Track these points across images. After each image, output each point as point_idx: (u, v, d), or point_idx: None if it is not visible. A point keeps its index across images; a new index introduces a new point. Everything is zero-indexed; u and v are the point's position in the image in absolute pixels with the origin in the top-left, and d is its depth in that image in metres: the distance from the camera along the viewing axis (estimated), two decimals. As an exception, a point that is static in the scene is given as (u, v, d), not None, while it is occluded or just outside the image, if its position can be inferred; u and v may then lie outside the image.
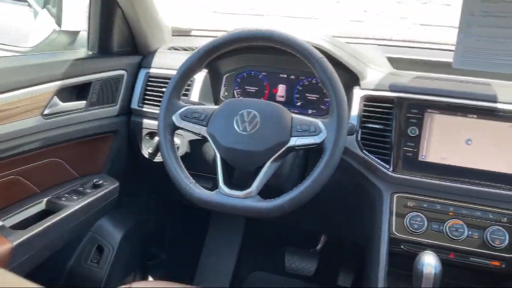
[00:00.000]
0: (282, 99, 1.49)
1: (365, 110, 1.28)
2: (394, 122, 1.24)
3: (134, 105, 1.53)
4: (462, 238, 1.17)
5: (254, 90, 1.51)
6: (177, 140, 1.43)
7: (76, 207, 1.31)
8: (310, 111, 1.46)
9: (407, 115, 1.22)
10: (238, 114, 1.13)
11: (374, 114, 1.27)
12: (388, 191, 1.24)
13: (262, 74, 1.50)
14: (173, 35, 1.73)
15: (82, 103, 1.37)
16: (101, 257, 1.58)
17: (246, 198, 1.08)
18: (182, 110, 1.18)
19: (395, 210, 1.22)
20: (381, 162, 1.24)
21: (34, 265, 1.23)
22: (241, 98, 1.51)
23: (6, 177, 1.21)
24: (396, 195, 1.23)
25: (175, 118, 1.17)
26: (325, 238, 1.94)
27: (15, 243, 1.12)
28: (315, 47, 1.11)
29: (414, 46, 1.64)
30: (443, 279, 1.10)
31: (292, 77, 1.48)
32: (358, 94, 1.30)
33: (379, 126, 1.26)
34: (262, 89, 1.51)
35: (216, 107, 1.18)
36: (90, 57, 1.47)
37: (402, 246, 1.21)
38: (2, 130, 1.14)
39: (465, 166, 1.18)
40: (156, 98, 1.49)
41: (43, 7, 1.71)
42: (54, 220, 1.24)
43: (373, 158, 1.25)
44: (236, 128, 1.12)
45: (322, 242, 1.94)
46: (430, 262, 1.09)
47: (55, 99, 1.27)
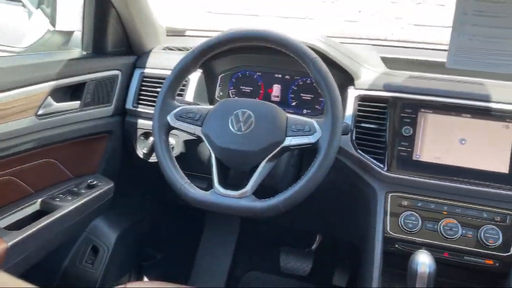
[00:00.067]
0: (277, 99, 1.49)
1: (359, 110, 1.29)
2: (388, 122, 1.24)
3: (129, 105, 1.53)
4: (456, 237, 1.17)
5: (249, 90, 1.51)
6: (172, 140, 1.42)
7: (70, 208, 1.30)
8: (305, 111, 1.47)
9: (401, 115, 1.23)
10: (233, 114, 1.13)
11: (368, 114, 1.28)
12: (382, 191, 1.24)
13: (257, 74, 1.51)
14: (167, 35, 1.73)
15: (76, 104, 1.37)
16: (96, 257, 1.57)
17: (241, 198, 1.08)
18: (177, 110, 1.17)
19: (390, 210, 1.22)
20: (375, 162, 1.25)
21: (29, 265, 1.22)
22: (236, 98, 1.51)
23: (0, 177, 1.20)
24: (390, 195, 1.23)
25: (170, 118, 1.17)
26: (320, 238, 1.94)
27: (10, 244, 1.12)
28: (310, 47, 1.11)
29: (409, 46, 1.65)
30: (438, 278, 1.11)
31: (287, 77, 1.48)
32: (352, 94, 1.31)
33: (374, 126, 1.26)
34: (257, 89, 1.51)
35: (211, 107, 1.18)
36: (84, 57, 1.47)
37: (397, 245, 1.21)
38: (-5, 131, 1.13)
39: (459, 165, 1.19)
40: (150, 98, 1.49)
41: (37, 7, 1.70)
42: (49, 220, 1.24)
43: (367, 157, 1.26)
44: (231, 128, 1.12)
45: (317, 242, 1.94)
46: (424, 261, 1.10)
47: (49, 100, 1.27)
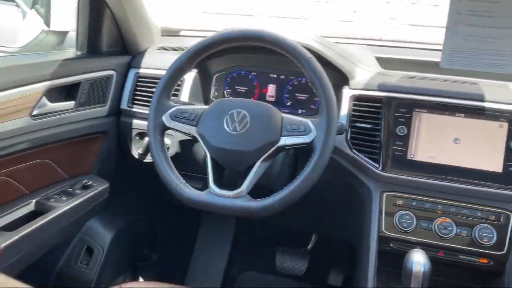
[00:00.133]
0: (272, 99, 1.49)
1: (354, 110, 1.29)
2: (383, 122, 1.24)
3: (124, 105, 1.52)
4: (450, 236, 1.18)
5: (244, 90, 1.51)
6: (167, 140, 1.42)
7: (65, 208, 1.30)
8: (300, 111, 1.47)
9: (396, 115, 1.23)
10: (228, 114, 1.13)
11: (363, 114, 1.28)
12: (377, 190, 1.25)
13: (252, 74, 1.51)
14: (162, 35, 1.72)
15: (71, 104, 1.36)
16: (90, 258, 1.57)
17: (236, 198, 1.08)
18: (172, 110, 1.17)
19: (384, 209, 1.23)
20: (370, 161, 1.25)
21: (24, 266, 1.22)
22: (231, 98, 1.51)
23: (-5, 178, 1.20)
24: (385, 194, 1.24)
25: (165, 118, 1.17)
26: (315, 238, 1.94)
27: (4, 245, 1.12)
28: (305, 47, 1.11)
29: (403, 46, 1.65)
30: (432, 277, 1.11)
31: (282, 77, 1.48)
32: (347, 93, 1.31)
33: (368, 126, 1.27)
34: (252, 89, 1.51)
35: (206, 107, 1.18)
36: (79, 57, 1.47)
37: (392, 245, 1.22)
38: (-10, 131, 1.13)
39: (453, 164, 1.20)
40: (145, 98, 1.49)
41: (32, 7, 1.69)
42: (43, 221, 1.24)
43: (362, 157, 1.26)
44: (226, 128, 1.12)
45: (313, 241, 1.94)
46: (419, 260, 1.10)
47: (44, 100, 1.26)
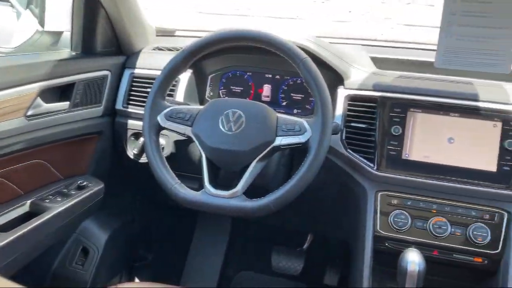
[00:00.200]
0: (268, 99, 1.49)
1: (349, 110, 1.29)
2: (378, 121, 1.25)
3: (119, 105, 1.52)
4: (445, 235, 1.18)
5: (239, 90, 1.51)
6: (162, 140, 1.42)
7: (60, 209, 1.29)
8: (295, 111, 1.47)
9: (390, 114, 1.24)
10: (223, 114, 1.13)
11: (358, 114, 1.28)
12: (372, 190, 1.25)
13: (248, 74, 1.51)
14: (157, 35, 1.72)
15: (65, 104, 1.36)
16: (86, 259, 1.56)
17: (232, 198, 1.08)
18: (167, 110, 1.17)
19: (380, 208, 1.23)
20: (365, 161, 1.25)
21: (19, 267, 1.21)
22: (226, 98, 1.51)
23: (-11, 179, 1.19)
24: (380, 193, 1.24)
25: (160, 119, 1.17)
26: (311, 237, 1.95)
27: (-1, 246, 1.11)
28: (300, 47, 1.11)
29: (398, 46, 1.65)
30: (427, 276, 1.11)
31: (277, 77, 1.48)
32: (342, 93, 1.31)
33: (363, 125, 1.27)
34: (247, 89, 1.51)
35: (201, 107, 1.18)
36: (74, 57, 1.46)
37: (387, 244, 1.22)
38: (-16, 132, 1.13)
39: (447, 164, 1.20)
40: (140, 99, 1.49)
41: (26, 8, 1.69)
42: (38, 222, 1.23)
43: (357, 157, 1.26)
44: (221, 128, 1.12)
45: (308, 241, 1.95)
46: (414, 259, 1.10)
47: (38, 100, 1.26)
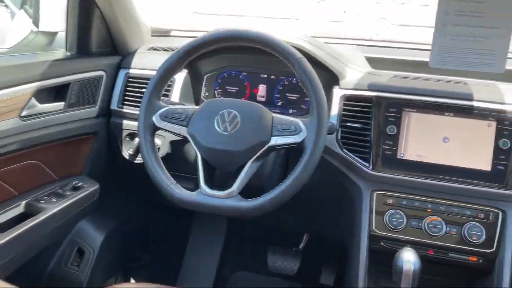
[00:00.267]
0: (263, 99, 1.50)
1: (344, 109, 1.29)
2: (373, 121, 1.25)
3: (114, 106, 1.52)
4: (440, 234, 1.18)
5: (235, 90, 1.51)
6: (158, 141, 1.42)
7: (55, 210, 1.29)
8: (291, 111, 1.47)
9: (386, 114, 1.24)
10: (218, 114, 1.13)
11: (353, 113, 1.28)
12: (367, 189, 1.25)
13: (243, 74, 1.51)
14: (152, 36, 1.72)
15: (60, 105, 1.35)
16: (81, 260, 1.56)
17: (227, 198, 1.08)
18: (162, 110, 1.17)
19: (375, 208, 1.23)
20: (360, 161, 1.25)
21: (14, 268, 1.21)
22: (221, 98, 1.51)
23: (-17, 180, 1.19)
24: (375, 193, 1.24)
25: (155, 119, 1.17)
26: (307, 237, 1.95)
27: (-7, 247, 1.11)
28: (295, 47, 1.11)
29: (393, 46, 1.66)
30: (423, 275, 1.12)
31: (272, 77, 1.49)
32: (337, 93, 1.31)
33: (359, 125, 1.27)
34: (243, 89, 1.51)
35: (196, 107, 1.18)
36: (69, 58, 1.46)
37: (382, 243, 1.22)
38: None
39: (442, 163, 1.20)
40: (136, 99, 1.48)
41: (20, 8, 1.68)
42: (33, 223, 1.23)
43: (352, 156, 1.26)
44: (216, 128, 1.12)
45: (304, 241, 1.95)
46: (409, 258, 1.11)
47: (33, 101, 1.25)
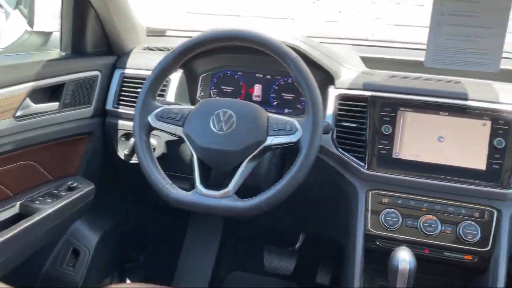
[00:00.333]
0: (259, 99, 1.50)
1: (340, 109, 1.30)
2: (368, 121, 1.25)
3: (109, 106, 1.52)
4: (435, 233, 1.19)
5: (230, 90, 1.51)
6: (153, 141, 1.42)
7: (50, 210, 1.29)
8: (286, 111, 1.47)
9: (381, 114, 1.24)
10: (214, 114, 1.13)
11: (349, 113, 1.29)
12: (363, 189, 1.26)
13: (238, 74, 1.51)
14: (147, 35, 1.71)
15: (55, 105, 1.35)
16: (76, 260, 1.56)
17: (223, 198, 1.08)
18: (158, 110, 1.17)
19: (370, 207, 1.24)
20: (356, 160, 1.26)
21: (9, 269, 1.21)
22: (217, 98, 1.50)
23: (-22, 180, 1.19)
24: (371, 192, 1.25)
25: (151, 119, 1.16)
26: (303, 237, 1.95)
27: (-12, 248, 1.11)
28: (290, 47, 1.12)
29: (388, 46, 1.66)
30: (418, 274, 1.12)
31: (268, 76, 1.49)
32: (333, 93, 1.32)
33: (354, 125, 1.27)
34: (238, 89, 1.51)
35: (192, 107, 1.18)
36: (63, 58, 1.45)
37: (378, 242, 1.23)
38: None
39: (437, 162, 1.21)
40: (131, 99, 1.48)
41: (15, 8, 1.67)
42: (28, 224, 1.22)
43: (348, 156, 1.27)
44: (212, 128, 1.12)
45: (300, 240, 1.95)
46: (404, 257, 1.11)
47: (28, 101, 1.25)
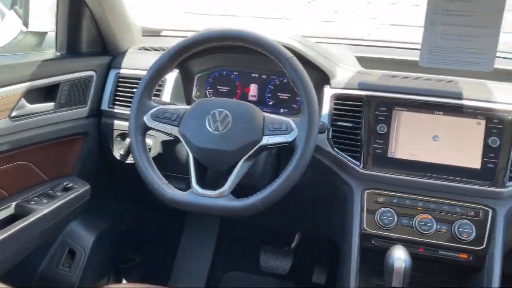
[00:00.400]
0: (254, 99, 1.50)
1: (335, 109, 1.30)
2: (363, 120, 1.25)
3: (105, 106, 1.51)
4: (431, 232, 1.19)
5: (226, 90, 1.51)
6: (149, 141, 1.41)
7: (45, 211, 1.28)
8: (282, 110, 1.47)
9: (376, 113, 1.24)
10: (210, 114, 1.13)
11: (344, 112, 1.29)
12: (358, 188, 1.26)
13: (234, 73, 1.51)
14: (143, 35, 1.71)
15: (50, 105, 1.35)
16: (72, 261, 1.55)
17: (219, 197, 1.08)
18: (154, 110, 1.17)
19: (366, 206, 1.24)
20: (351, 159, 1.26)
21: (4, 270, 1.20)
22: (213, 98, 1.51)
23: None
24: (366, 192, 1.25)
25: (146, 119, 1.16)
26: (299, 236, 1.95)
27: (-17, 249, 1.10)
28: (285, 47, 1.12)
29: (384, 46, 1.67)
30: (413, 273, 1.12)
31: (263, 76, 1.49)
32: (328, 92, 1.32)
33: (349, 124, 1.28)
34: (234, 88, 1.51)
35: (187, 107, 1.18)
36: (58, 58, 1.45)
37: (373, 241, 1.23)
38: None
39: (432, 161, 1.21)
40: (126, 99, 1.48)
41: (10, 8, 1.67)
42: (23, 224, 1.22)
43: (343, 155, 1.27)
44: (208, 127, 1.12)
45: (296, 240, 1.95)
46: (400, 256, 1.11)
47: (23, 101, 1.25)
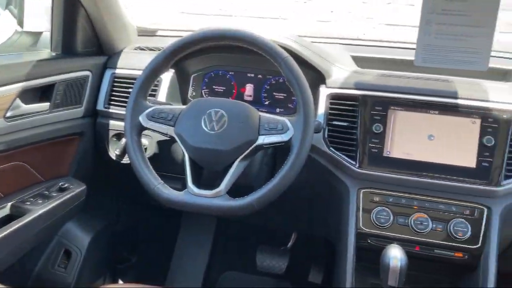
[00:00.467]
0: (250, 98, 1.50)
1: (331, 108, 1.30)
2: (359, 119, 1.26)
3: (100, 106, 1.51)
4: (426, 231, 1.20)
5: (222, 90, 1.51)
6: (145, 141, 1.41)
7: (41, 211, 1.28)
8: (278, 110, 1.48)
9: (372, 112, 1.25)
10: (205, 114, 1.13)
11: (340, 112, 1.29)
12: (354, 187, 1.26)
13: (230, 73, 1.51)
14: (139, 35, 1.71)
15: (45, 105, 1.34)
16: (68, 261, 1.55)
17: (215, 197, 1.08)
18: (149, 110, 1.17)
19: (362, 205, 1.24)
20: (347, 159, 1.26)
21: (0, 270, 1.20)
22: (208, 97, 1.51)
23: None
24: (362, 191, 1.25)
25: (142, 119, 1.16)
26: (295, 236, 1.95)
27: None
28: (281, 46, 1.12)
29: (379, 45, 1.67)
30: (409, 272, 1.13)
31: (259, 76, 1.49)
32: (324, 92, 1.32)
33: (345, 124, 1.28)
34: (230, 88, 1.51)
35: (183, 107, 1.18)
36: (54, 58, 1.44)
37: (369, 240, 1.23)
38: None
39: (428, 161, 1.21)
40: (122, 99, 1.48)
41: (5, 8, 1.66)
42: (19, 225, 1.22)
43: (339, 154, 1.27)
44: (204, 127, 1.12)
45: (292, 239, 1.95)
46: (396, 255, 1.12)
47: (18, 101, 1.24)
